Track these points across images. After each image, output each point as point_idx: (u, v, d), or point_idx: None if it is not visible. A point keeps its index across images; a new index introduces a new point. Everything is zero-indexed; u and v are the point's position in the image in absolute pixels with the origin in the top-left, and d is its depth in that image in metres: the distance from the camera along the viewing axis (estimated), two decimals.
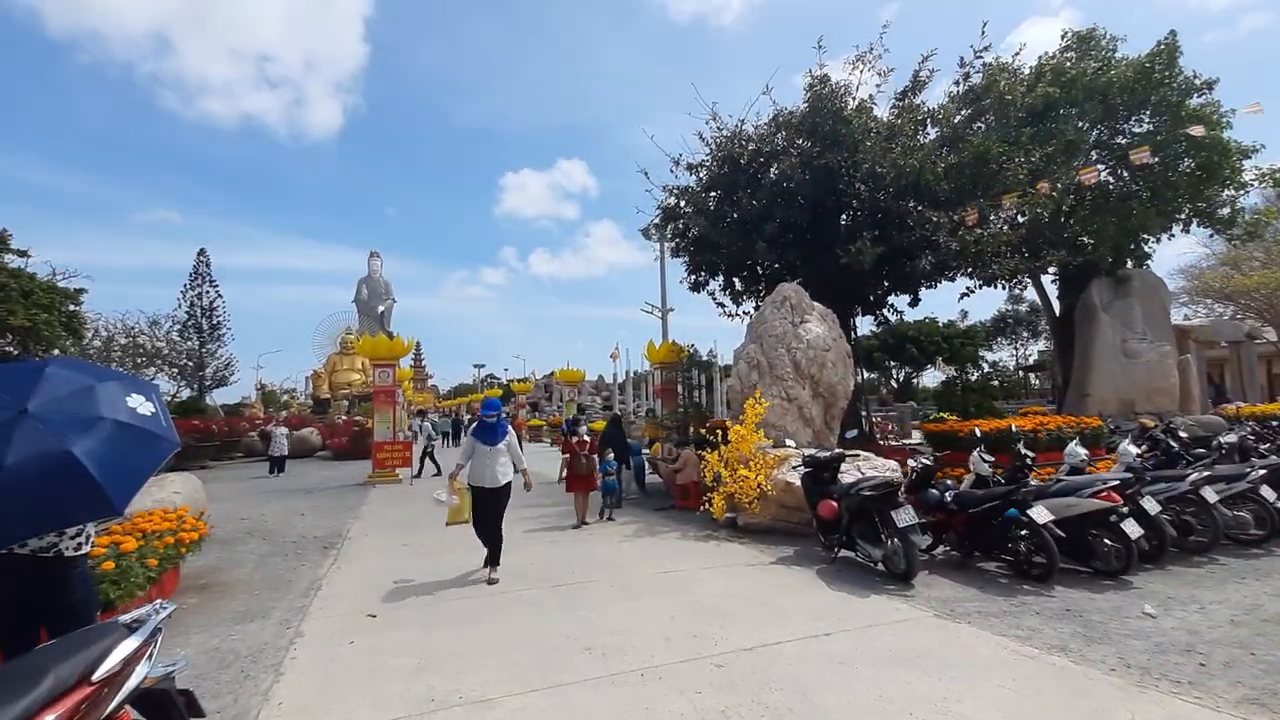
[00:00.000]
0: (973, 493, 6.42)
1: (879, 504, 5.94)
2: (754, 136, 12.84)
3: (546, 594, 5.69)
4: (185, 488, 8.63)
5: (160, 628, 2.63)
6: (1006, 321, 60.63)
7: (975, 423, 9.72)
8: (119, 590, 4.56)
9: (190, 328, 43.08)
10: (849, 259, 10.89)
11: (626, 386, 42.97)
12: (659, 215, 14.09)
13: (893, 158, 11.19)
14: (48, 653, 2.21)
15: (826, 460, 7.05)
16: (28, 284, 10.40)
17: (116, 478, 2.77)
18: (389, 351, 17.01)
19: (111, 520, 5.33)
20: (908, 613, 5.00)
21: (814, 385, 9.92)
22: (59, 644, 2.31)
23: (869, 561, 6.18)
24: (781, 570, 6.40)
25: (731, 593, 5.57)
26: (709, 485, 9.02)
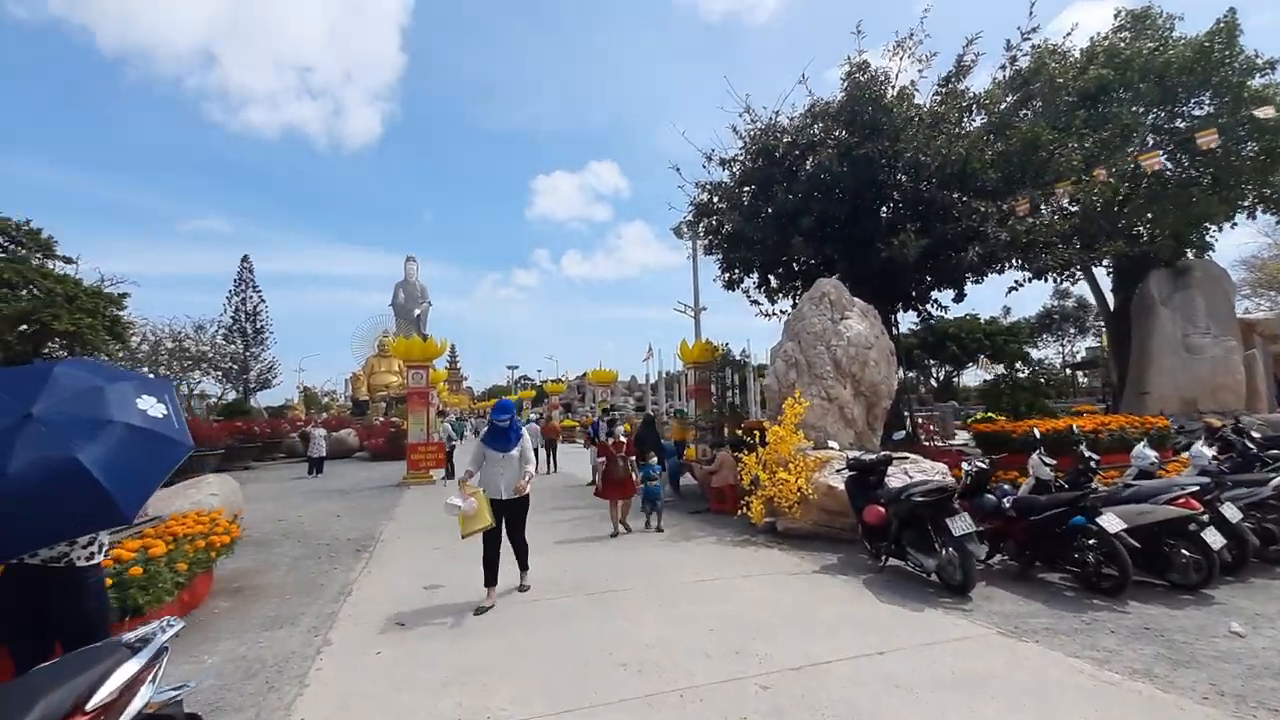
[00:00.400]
0: (1034, 498, 5.98)
1: (932, 510, 5.56)
2: (789, 129, 12.45)
3: (579, 602, 5.47)
4: (222, 489, 8.68)
5: (166, 647, 2.48)
6: (1052, 317, 58.54)
7: (1032, 423, 9.18)
8: (147, 596, 4.50)
9: (235, 332, 44.45)
10: (891, 252, 10.44)
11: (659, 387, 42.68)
12: (691, 212, 13.79)
13: (937, 145, 10.71)
14: (39, 678, 2.05)
15: (872, 463, 6.68)
16: (72, 289, 10.68)
17: (125, 484, 2.63)
18: (422, 353, 17.07)
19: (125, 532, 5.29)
20: (968, 629, 4.62)
21: (855, 384, 9.52)
22: (52, 668, 2.15)
23: (921, 572, 5.80)
24: (826, 580, 6.06)
25: (774, 604, 5.26)
26: (746, 488, 8.71)
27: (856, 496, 6.70)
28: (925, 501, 5.57)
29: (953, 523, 5.35)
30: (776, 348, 10.33)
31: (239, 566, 7.30)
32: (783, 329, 10.69)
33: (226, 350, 28.04)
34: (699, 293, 22.35)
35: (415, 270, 51.29)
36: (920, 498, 5.61)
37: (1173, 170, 15.82)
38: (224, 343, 34.50)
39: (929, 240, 10.50)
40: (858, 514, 6.69)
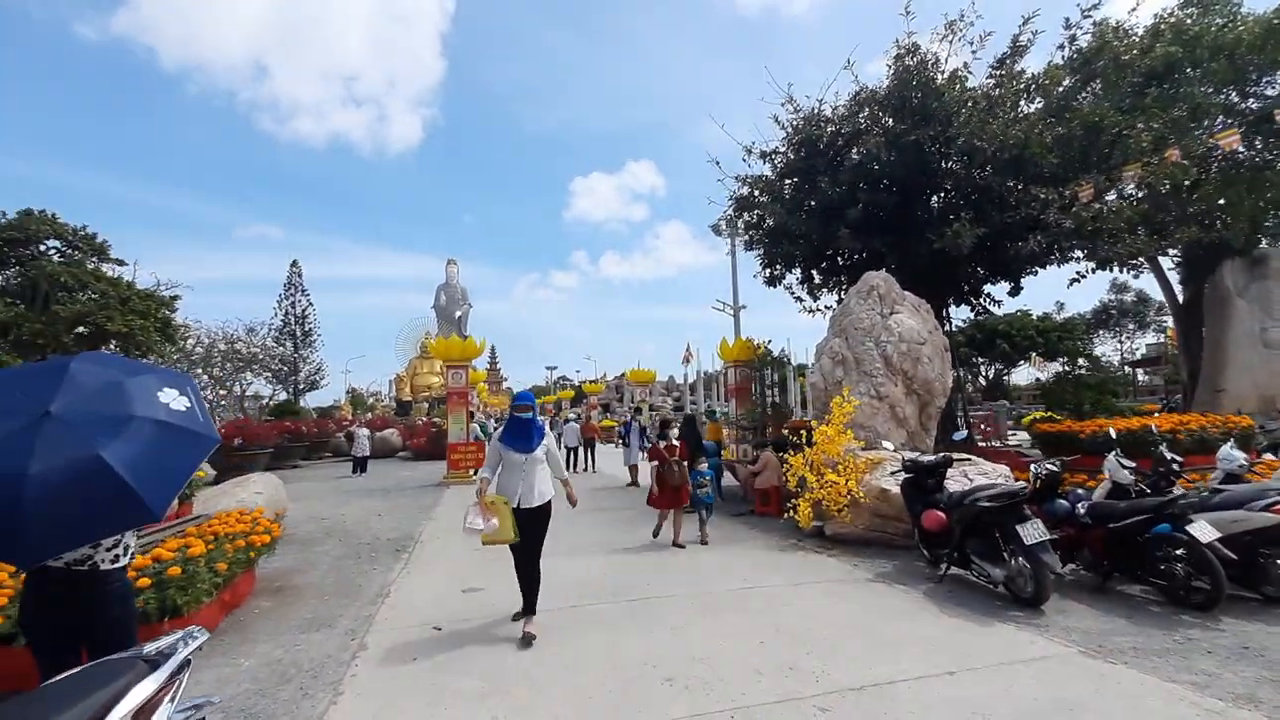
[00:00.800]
0: (1112, 504, 5.49)
1: (1000, 517, 5.14)
2: (833, 118, 12.01)
3: (620, 610, 5.24)
4: (266, 488, 8.76)
5: (189, 660, 2.33)
6: (1109, 313, 56.03)
7: (1106, 422, 8.56)
8: (186, 596, 4.44)
9: (285, 334, 45.87)
10: (943, 243, 9.92)
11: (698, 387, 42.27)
12: (731, 206, 13.44)
13: (992, 130, 10.14)
14: (52, 694, 1.91)
15: (931, 465, 6.27)
16: (125, 292, 11.02)
17: (153, 481, 2.50)
18: (461, 353, 17.13)
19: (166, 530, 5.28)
20: (1045, 647, 4.22)
21: (907, 382, 9.06)
22: (66, 683, 2.01)
23: (987, 582, 5.39)
24: (882, 589, 5.69)
25: (827, 615, 4.94)
26: (792, 490, 8.36)
27: (913, 500, 6.31)
28: (993, 507, 5.16)
29: (1024, 530, 4.93)
30: (822, 344, 9.94)
31: (281, 565, 7.30)
32: (828, 325, 10.29)
33: (275, 352, 28.78)
34: (738, 290, 21.98)
35: (456, 272, 52.07)
36: (987, 503, 5.20)
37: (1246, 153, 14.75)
38: (274, 345, 35.53)
39: (985, 229, 9.94)
40: (915, 519, 6.30)
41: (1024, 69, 11.83)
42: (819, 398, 9.67)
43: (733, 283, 22.02)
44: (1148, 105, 11.14)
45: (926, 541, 6.21)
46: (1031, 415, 20.74)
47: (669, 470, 7.56)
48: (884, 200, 11.02)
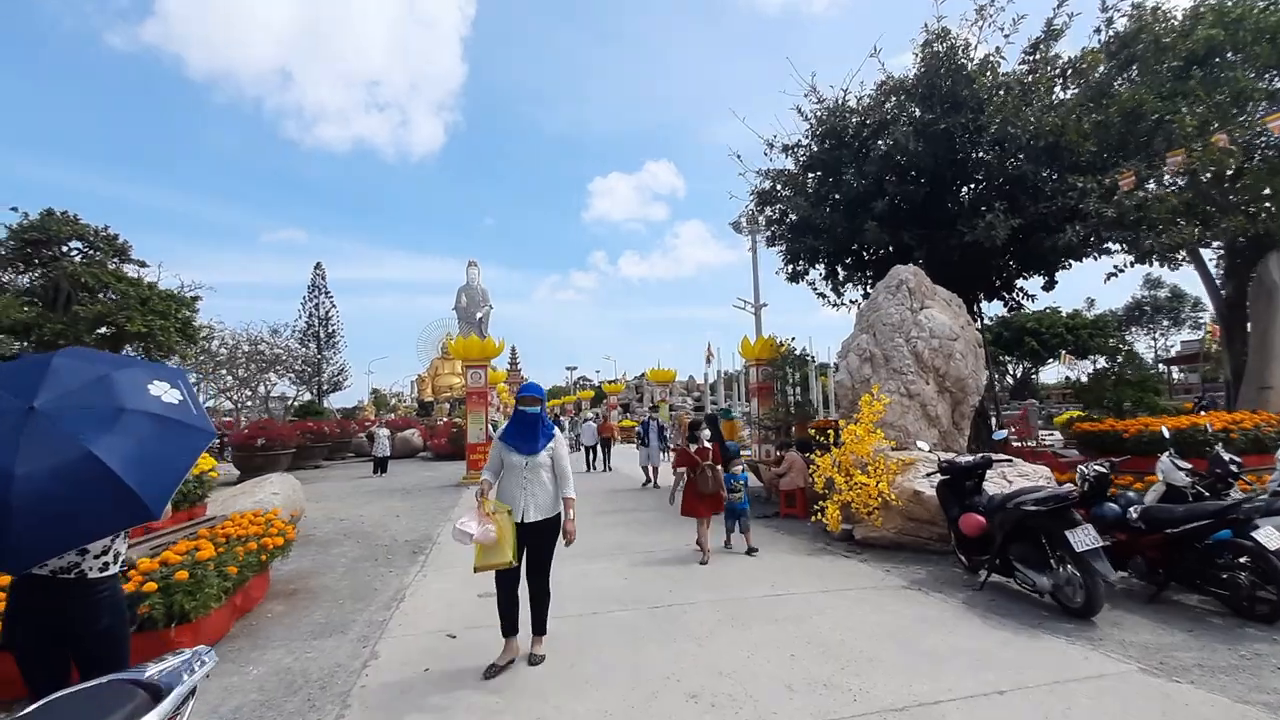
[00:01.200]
0: (1168, 508, 5.13)
1: (1047, 521, 4.82)
2: (858, 108, 11.66)
3: (642, 618, 5.00)
4: (283, 488, 8.70)
5: (195, 689, 2.14)
6: (1142, 309, 54.59)
7: (1156, 420, 8.11)
8: (194, 601, 4.30)
9: (309, 336, 46.42)
10: (976, 235, 9.54)
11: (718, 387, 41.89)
12: (752, 200, 13.14)
13: (1027, 116, 9.73)
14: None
15: (969, 466, 5.94)
16: (145, 292, 11.08)
17: (148, 477, 2.34)
18: (480, 353, 17.04)
19: (180, 532, 5.17)
20: (1102, 664, 3.90)
21: (939, 379, 8.71)
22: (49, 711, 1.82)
23: (1031, 591, 5.06)
24: (918, 597, 5.38)
25: (862, 625, 4.65)
26: (819, 492, 8.06)
27: (950, 504, 5.99)
28: (1039, 511, 4.83)
29: (1074, 536, 4.60)
30: (849, 341, 9.61)
31: (298, 567, 7.20)
32: (855, 321, 9.95)
33: (298, 353, 29.05)
34: (759, 288, 21.66)
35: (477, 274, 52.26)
36: (1033, 506, 4.88)
37: None
38: (299, 346, 35.89)
39: (1020, 220, 9.54)
40: (952, 523, 5.98)
41: (1059, 54, 11.37)
42: (846, 396, 9.34)
43: (754, 280, 21.72)
44: (1192, 89, 10.61)
45: (964, 547, 5.89)
46: (1068, 414, 20.10)
47: (702, 476, 6.87)
48: (912, 192, 10.65)
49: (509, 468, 4.11)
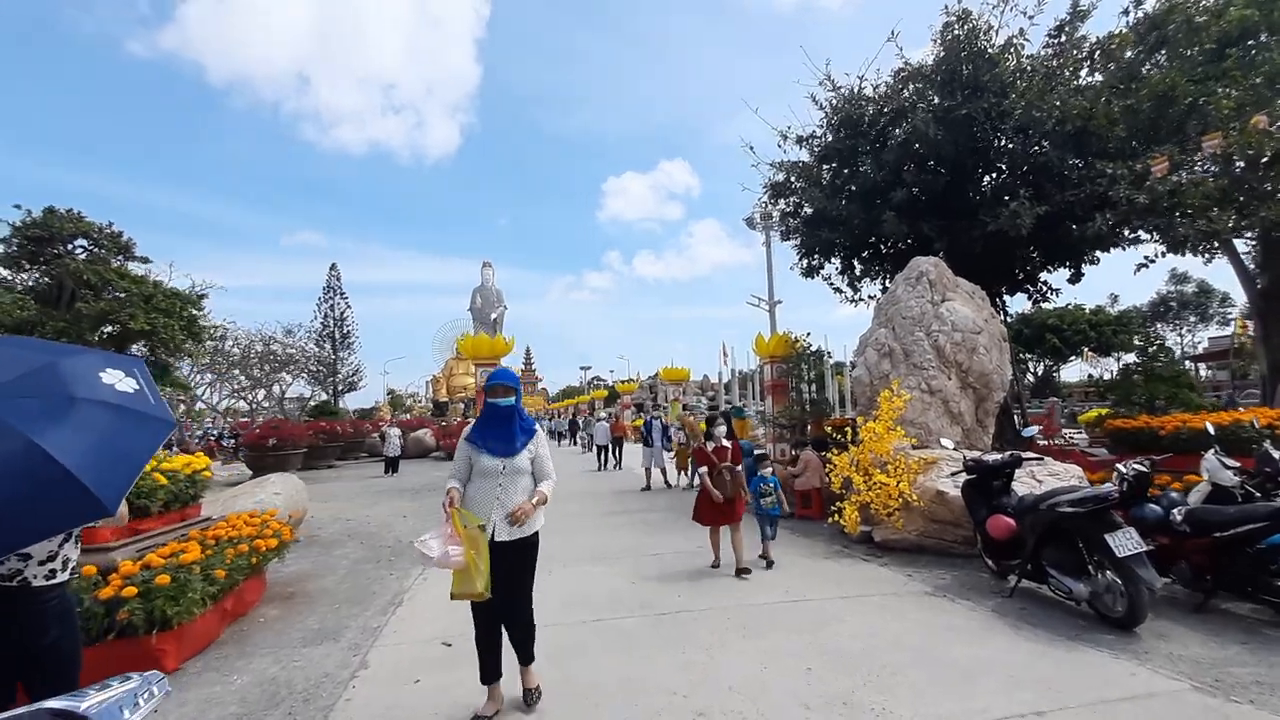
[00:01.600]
0: (1217, 510, 4.75)
1: (1085, 524, 4.47)
2: (874, 97, 11.28)
3: (646, 625, 4.72)
4: (285, 488, 8.54)
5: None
6: (1168, 305, 53.34)
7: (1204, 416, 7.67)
8: (176, 607, 4.09)
9: (325, 336, 46.69)
10: (1000, 224, 9.14)
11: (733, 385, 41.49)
12: (766, 193, 12.79)
13: (1053, 100, 9.31)
14: None
15: (997, 465, 5.59)
16: (149, 290, 10.99)
17: (101, 470, 2.12)
18: (491, 351, 16.82)
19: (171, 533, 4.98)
20: (1149, 681, 3.56)
21: (961, 375, 8.33)
22: None
23: (1066, 599, 4.71)
24: (943, 605, 5.05)
25: (883, 635, 4.34)
26: (837, 492, 7.74)
27: (977, 505, 5.65)
28: (1076, 513, 4.48)
29: (1114, 540, 4.25)
30: (866, 336, 9.26)
31: (299, 569, 7.02)
32: (873, 315, 9.59)
33: (310, 352, 29.11)
34: (773, 284, 21.31)
35: (491, 275, 52.54)
36: (1069, 508, 4.53)
37: None
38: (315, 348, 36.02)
39: (1046, 208, 9.13)
40: (979, 526, 5.64)
41: (1085, 35, 10.92)
42: (863, 392, 9.00)
43: (768, 276, 21.38)
44: (1229, 69, 10.12)
45: (992, 551, 5.55)
46: (1094, 411, 19.53)
47: (719, 478, 6.08)
48: (931, 181, 10.26)
49: (480, 474, 3.35)
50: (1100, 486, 4.73)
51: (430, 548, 3.01)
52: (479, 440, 3.41)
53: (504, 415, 3.42)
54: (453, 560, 3.00)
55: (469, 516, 3.15)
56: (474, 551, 3.05)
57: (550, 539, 8.23)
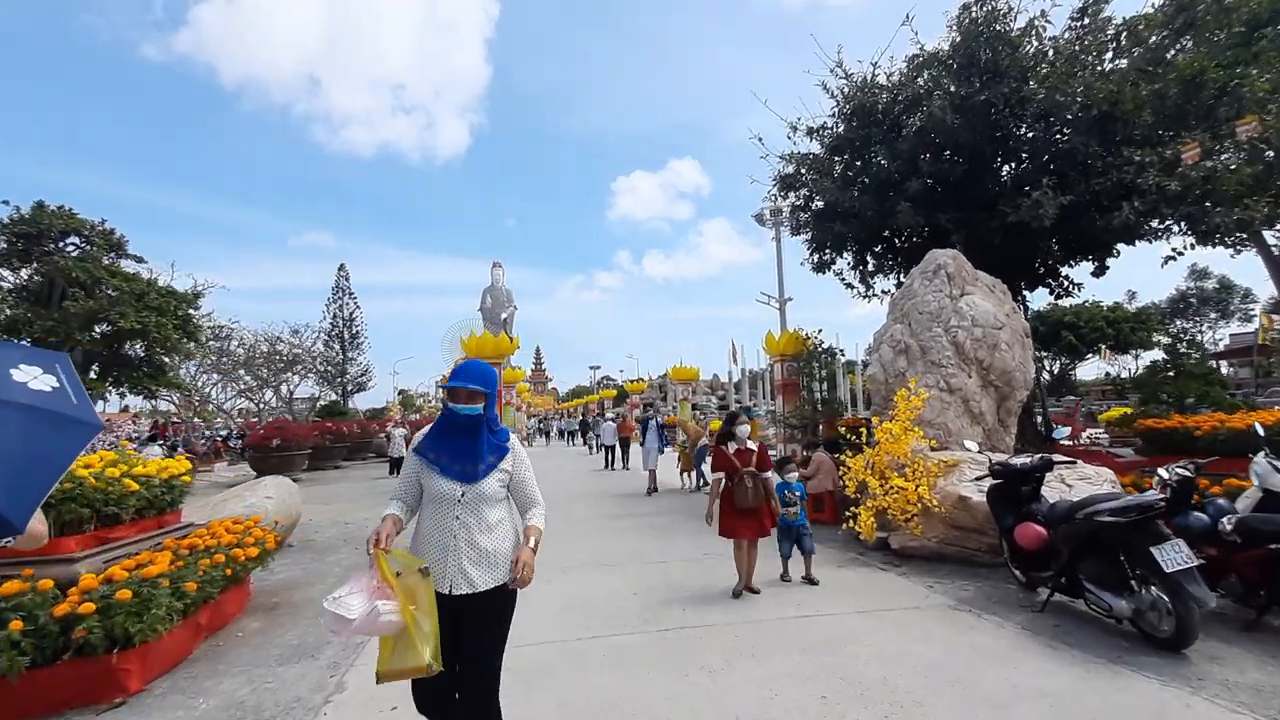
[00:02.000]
0: (1272, 519, 4.33)
1: (1127, 535, 4.08)
2: (888, 85, 10.88)
3: (649, 644, 4.37)
4: (278, 492, 8.25)
5: None
6: (1187, 301, 52.41)
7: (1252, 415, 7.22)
8: (140, 624, 3.80)
9: (334, 337, 46.69)
10: (1022, 214, 8.73)
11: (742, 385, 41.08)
12: (776, 185, 12.40)
13: (1076, 85, 8.89)
14: None
15: (1026, 469, 5.20)
16: (142, 288, 10.77)
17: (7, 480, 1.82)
18: (495, 350, 16.60)
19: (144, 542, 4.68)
20: (1207, 713, 3.17)
21: (982, 372, 7.93)
22: None
23: (1106, 616, 4.31)
24: (969, 621, 4.66)
25: (906, 657, 3.96)
26: (851, 496, 7.36)
27: (1004, 512, 5.26)
28: (1118, 523, 4.09)
29: (1162, 553, 3.86)
30: (881, 332, 8.87)
31: (287, 576, 6.76)
32: (888, 310, 9.20)
33: (317, 352, 28.98)
34: (783, 281, 20.91)
35: (501, 275, 52.33)
36: (1110, 517, 4.13)
37: None
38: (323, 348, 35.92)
39: (1071, 197, 8.70)
40: (1005, 534, 5.25)
41: (1110, 17, 10.45)
42: (878, 391, 8.61)
43: (778, 273, 21.00)
44: (1262, 50, 9.63)
45: (1020, 561, 5.16)
46: (1114, 410, 18.99)
47: (740, 486, 5.26)
48: (948, 170, 9.85)
49: (432, 500, 2.47)
50: (1143, 494, 4.34)
51: (347, 607, 2.05)
52: (429, 454, 2.51)
53: (467, 426, 2.50)
54: (382, 623, 2.07)
55: (404, 558, 2.25)
56: (413, 606, 2.13)
57: (552, 542, 7.90)
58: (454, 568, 2.40)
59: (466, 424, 2.50)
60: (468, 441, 2.50)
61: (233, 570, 4.88)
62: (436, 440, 2.56)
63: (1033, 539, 4.82)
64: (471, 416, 2.50)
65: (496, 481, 2.51)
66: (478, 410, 2.50)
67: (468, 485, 2.46)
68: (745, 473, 5.29)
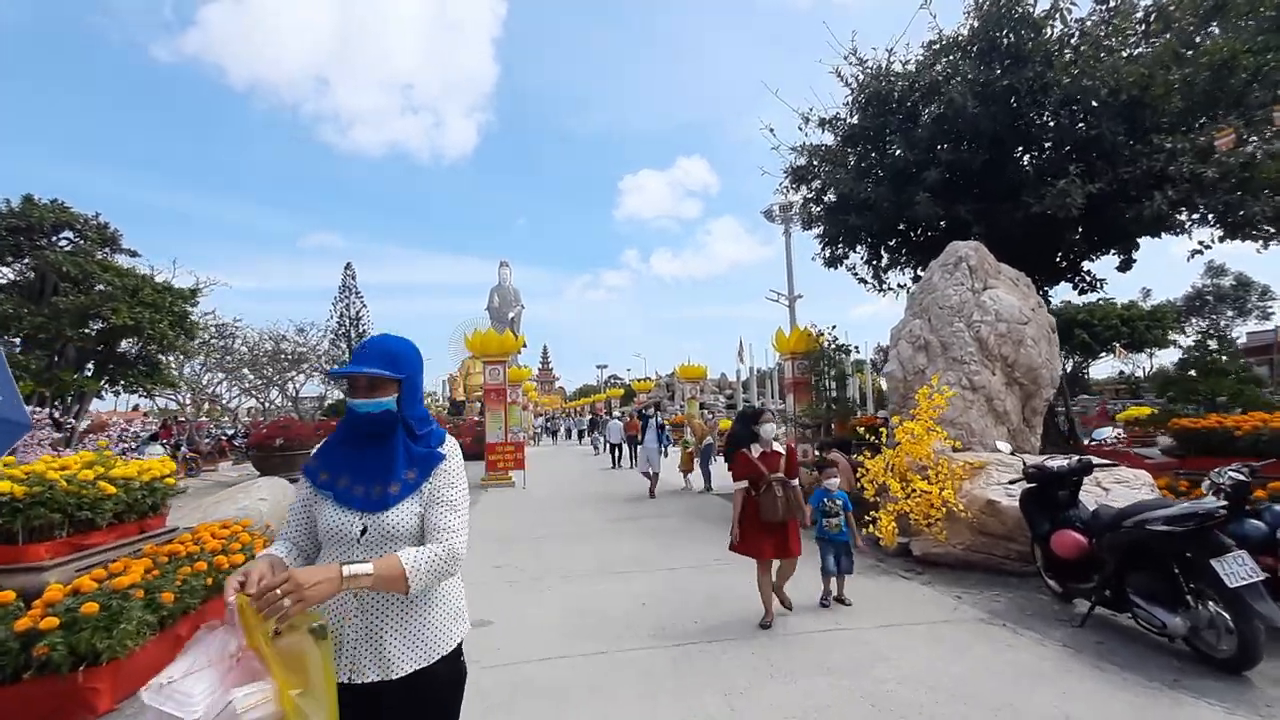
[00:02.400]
0: None
1: (1183, 546, 3.72)
2: (904, 72, 10.51)
3: (663, 659, 4.05)
4: (273, 494, 8.00)
5: None
6: (1203, 299, 51.64)
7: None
8: (107, 639, 3.51)
9: (341, 336, 46.63)
10: (1048, 204, 8.33)
11: (750, 384, 40.73)
12: (787, 177, 12.04)
13: (1104, 68, 8.49)
14: None
15: (1064, 472, 4.84)
16: (136, 283, 10.55)
17: None
18: (499, 347, 16.31)
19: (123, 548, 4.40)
20: None
21: (1007, 370, 7.57)
22: None
23: (1158, 633, 3.95)
24: (1004, 636, 4.32)
25: (941, 679, 3.62)
26: (869, 500, 7.02)
27: (1038, 518, 4.90)
28: (1173, 532, 3.73)
29: (1223, 566, 3.50)
30: (899, 327, 8.52)
31: None
32: (906, 305, 8.86)
33: (321, 350, 28.80)
34: (793, 277, 20.57)
35: (509, 275, 52.32)
36: (1163, 526, 3.77)
37: None
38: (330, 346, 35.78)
39: (1100, 185, 8.31)
40: (1040, 542, 4.91)
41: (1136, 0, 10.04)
42: (896, 389, 8.26)
43: (787, 269, 20.65)
44: None
45: (1056, 571, 4.81)
46: (1132, 410, 18.54)
47: (768, 496, 4.48)
48: (968, 159, 9.46)
49: (326, 542, 1.72)
50: (1200, 501, 3.97)
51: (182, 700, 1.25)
52: (322, 474, 1.76)
53: (369, 430, 1.75)
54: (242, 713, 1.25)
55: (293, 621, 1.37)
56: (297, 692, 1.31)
57: (553, 546, 7.62)
58: (354, 643, 1.60)
59: (370, 426, 1.73)
60: (374, 452, 1.73)
61: (214, 579, 4.58)
62: (332, 453, 1.79)
63: (1071, 548, 4.47)
64: (375, 415, 1.72)
65: (411, 508, 1.70)
66: (385, 405, 1.72)
67: (372, 516, 1.66)
68: (773, 480, 4.53)
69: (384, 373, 1.71)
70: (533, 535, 8.28)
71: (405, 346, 1.83)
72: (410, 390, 1.79)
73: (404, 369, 1.77)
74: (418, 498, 1.72)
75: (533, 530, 8.66)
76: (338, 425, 1.92)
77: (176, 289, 11.97)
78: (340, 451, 1.78)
